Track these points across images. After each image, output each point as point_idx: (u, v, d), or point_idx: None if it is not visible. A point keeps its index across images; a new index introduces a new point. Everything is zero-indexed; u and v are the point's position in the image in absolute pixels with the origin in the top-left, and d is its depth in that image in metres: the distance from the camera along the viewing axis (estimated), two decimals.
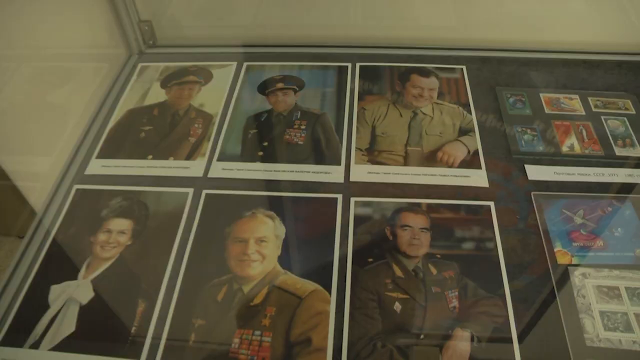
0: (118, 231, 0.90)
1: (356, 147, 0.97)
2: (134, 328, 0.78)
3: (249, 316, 0.77)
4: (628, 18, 1.18)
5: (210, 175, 0.96)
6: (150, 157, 1.00)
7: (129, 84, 1.16)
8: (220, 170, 0.97)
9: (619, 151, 1.01)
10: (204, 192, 0.94)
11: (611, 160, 0.98)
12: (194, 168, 0.97)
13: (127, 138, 1.05)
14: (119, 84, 1.16)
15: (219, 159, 0.98)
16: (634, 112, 1.08)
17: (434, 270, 0.80)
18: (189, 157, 0.99)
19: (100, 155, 1.02)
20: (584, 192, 0.93)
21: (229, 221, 0.88)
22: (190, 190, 0.94)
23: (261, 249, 0.84)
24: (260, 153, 0.98)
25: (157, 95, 1.12)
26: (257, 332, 0.76)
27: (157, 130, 1.05)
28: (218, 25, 1.23)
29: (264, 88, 1.10)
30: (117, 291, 0.83)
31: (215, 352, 0.75)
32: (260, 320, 0.77)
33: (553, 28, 1.19)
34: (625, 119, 1.06)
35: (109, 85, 1.16)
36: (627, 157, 0.99)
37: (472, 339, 0.73)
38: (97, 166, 1.01)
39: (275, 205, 0.90)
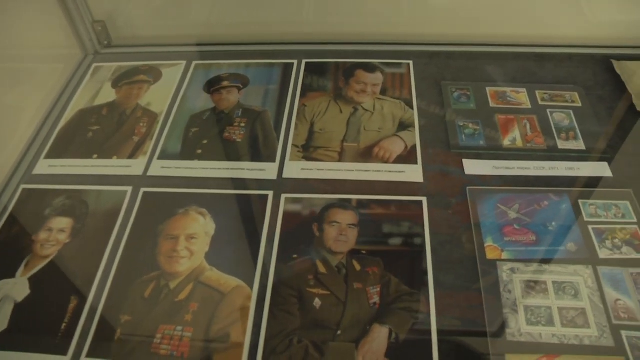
0: (58, 229, 0.92)
1: (293, 144, 0.97)
2: (64, 324, 0.80)
3: (173, 312, 0.78)
4: (580, 10, 1.16)
5: (149, 173, 0.97)
6: (96, 156, 1.02)
7: (82, 84, 1.17)
8: (159, 168, 0.98)
9: (561, 144, 0.99)
10: (142, 190, 0.95)
11: (553, 154, 0.97)
12: (135, 167, 0.99)
13: (76, 138, 1.06)
14: (73, 85, 1.18)
15: (159, 158, 0.99)
16: (580, 104, 1.06)
17: (357, 267, 0.80)
18: (131, 156, 1.01)
19: (49, 155, 1.04)
20: (523, 186, 0.92)
21: (163, 218, 0.90)
22: (129, 189, 0.95)
23: (190, 245, 0.85)
24: (199, 151, 0.99)
25: (108, 95, 1.14)
26: (179, 328, 0.77)
27: (104, 129, 1.07)
28: (171, 24, 1.24)
29: (210, 86, 1.11)
30: (52, 288, 0.84)
31: (138, 348, 0.76)
32: (184, 316, 0.78)
33: (504, 21, 1.18)
34: (571, 111, 1.05)
35: (62, 85, 1.17)
36: (569, 150, 0.98)
37: (390, 335, 0.73)
38: (44, 166, 1.02)
39: (208, 203, 0.90)
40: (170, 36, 1.24)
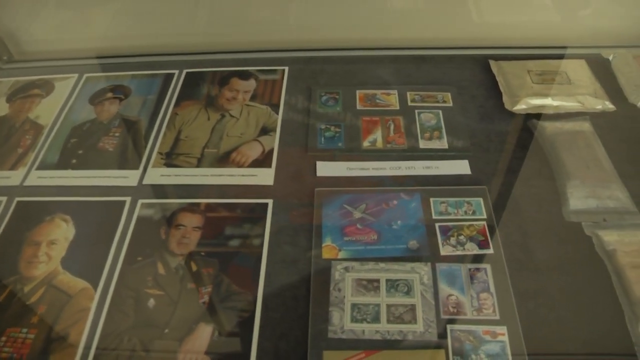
0: None
1: (158, 152, 1.02)
2: None
3: (22, 315, 0.83)
4: (464, 11, 1.18)
5: (26, 183, 1.02)
6: None
7: None
8: (35, 178, 1.03)
9: (423, 144, 1.02)
10: (16, 199, 1.00)
11: (412, 154, 1.00)
12: (14, 177, 1.04)
13: None
14: None
15: (37, 168, 1.04)
16: (451, 104, 1.09)
17: (194, 267, 0.84)
18: (12, 167, 1.06)
19: None
20: (376, 186, 0.95)
21: (31, 226, 0.94)
22: (4, 199, 1.00)
23: (50, 251, 0.90)
24: (74, 161, 1.04)
25: (1, 109, 1.19)
26: (25, 330, 0.81)
27: None
28: (70, 38, 1.29)
29: (94, 98, 1.16)
30: None
31: None
32: (30, 318, 0.82)
33: (384, 25, 1.21)
34: (440, 111, 1.08)
35: None
36: (430, 150, 1.01)
37: (212, 333, 0.77)
38: None
39: (73, 210, 0.95)
40: (68, 50, 1.29)
